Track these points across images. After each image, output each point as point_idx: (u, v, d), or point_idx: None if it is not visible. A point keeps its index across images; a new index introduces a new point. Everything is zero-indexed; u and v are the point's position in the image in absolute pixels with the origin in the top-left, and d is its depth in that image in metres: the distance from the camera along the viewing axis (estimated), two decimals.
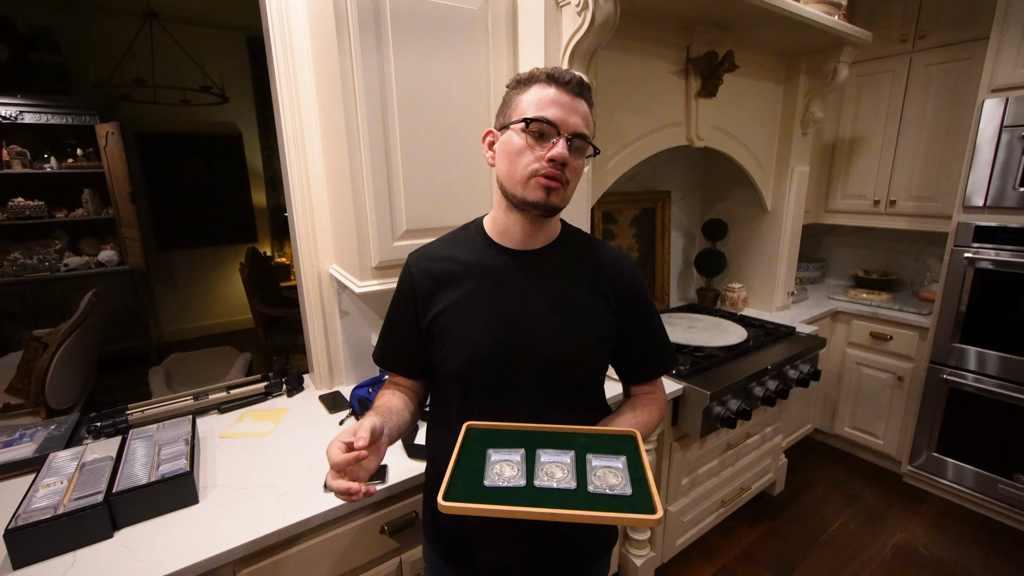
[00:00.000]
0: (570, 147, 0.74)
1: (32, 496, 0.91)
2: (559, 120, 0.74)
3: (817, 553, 1.93)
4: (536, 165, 0.74)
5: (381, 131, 1.15)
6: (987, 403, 2.04)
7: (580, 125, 0.75)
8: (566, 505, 0.65)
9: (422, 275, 0.85)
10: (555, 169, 0.73)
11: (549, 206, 0.76)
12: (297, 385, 1.53)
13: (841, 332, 2.50)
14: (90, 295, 2.65)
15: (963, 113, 2.15)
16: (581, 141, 0.76)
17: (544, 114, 0.73)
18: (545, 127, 0.74)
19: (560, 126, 0.74)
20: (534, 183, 0.75)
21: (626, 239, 2.18)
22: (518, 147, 0.75)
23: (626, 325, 0.87)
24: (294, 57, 1.31)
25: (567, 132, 0.74)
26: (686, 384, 1.57)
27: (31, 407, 2.25)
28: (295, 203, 1.39)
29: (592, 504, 0.65)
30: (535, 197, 0.75)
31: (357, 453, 0.66)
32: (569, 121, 0.74)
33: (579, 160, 0.77)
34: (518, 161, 0.75)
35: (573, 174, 0.77)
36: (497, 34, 1.27)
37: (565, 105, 0.74)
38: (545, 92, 0.74)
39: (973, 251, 2.02)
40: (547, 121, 0.73)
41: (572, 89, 0.75)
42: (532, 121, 0.73)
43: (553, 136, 0.74)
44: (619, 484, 0.68)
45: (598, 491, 0.67)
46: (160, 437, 1.13)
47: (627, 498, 0.67)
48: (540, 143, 0.74)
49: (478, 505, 0.64)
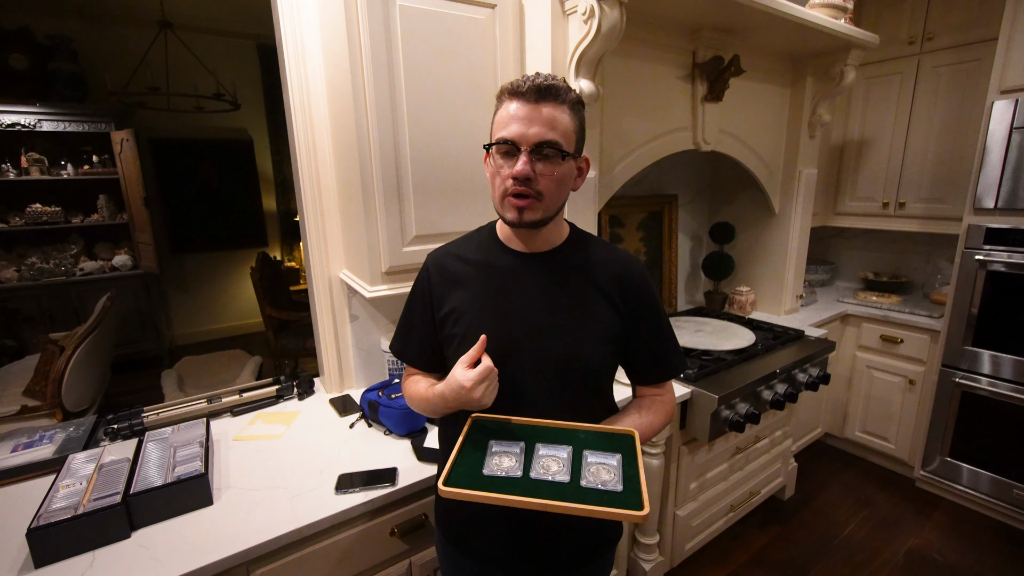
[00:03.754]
0: (539, 156, 0.73)
1: (53, 496, 0.94)
2: (517, 136, 0.73)
3: (828, 559, 1.91)
4: (504, 185, 0.75)
5: (391, 137, 1.17)
6: (1001, 407, 2.01)
7: (543, 132, 0.72)
8: (558, 497, 0.67)
9: (437, 272, 0.88)
10: (520, 186, 0.74)
11: (523, 223, 0.77)
12: (308, 388, 1.55)
13: (851, 335, 2.48)
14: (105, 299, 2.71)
15: (972, 115, 2.14)
16: (548, 148, 0.73)
17: (502, 134, 0.74)
18: (508, 147, 0.74)
19: (519, 141, 0.73)
20: (507, 203, 0.76)
21: (633, 243, 2.18)
22: (491, 170, 0.78)
23: (633, 327, 0.88)
24: (306, 64, 1.33)
25: (527, 145, 0.73)
26: (694, 388, 1.57)
27: (48, 409, 2.30)
28: (306, 209, 1.42)
29: (583, 498, 0.68)
30: (510, 216, 0.78)
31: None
32: (528, 133, 0.72)
33: (551, 166, 0.75)
34: (493, 184, 0.79)
35: (548, 183, 0.75)
36: (505, 42, 1.29)
37: (523, 118, 0.73)
38: (506, 109, 0.75)
39: (984, 253, 2.00)
40: (505, 141, 0.74)
41: (530, 98, 0.73)
42: (492, 146, 0.76)
43: (516, 152, 0.74)
44: (611, 480, 0.71)
45: (590, 486, 0.70)
46: (175, 439, 1.16)
47: (617, 494, 0.69)
48: (508, 161, 0.75)
49: (475, 492, 0.68)
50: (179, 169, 4.36)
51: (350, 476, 1.08)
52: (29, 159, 3.62)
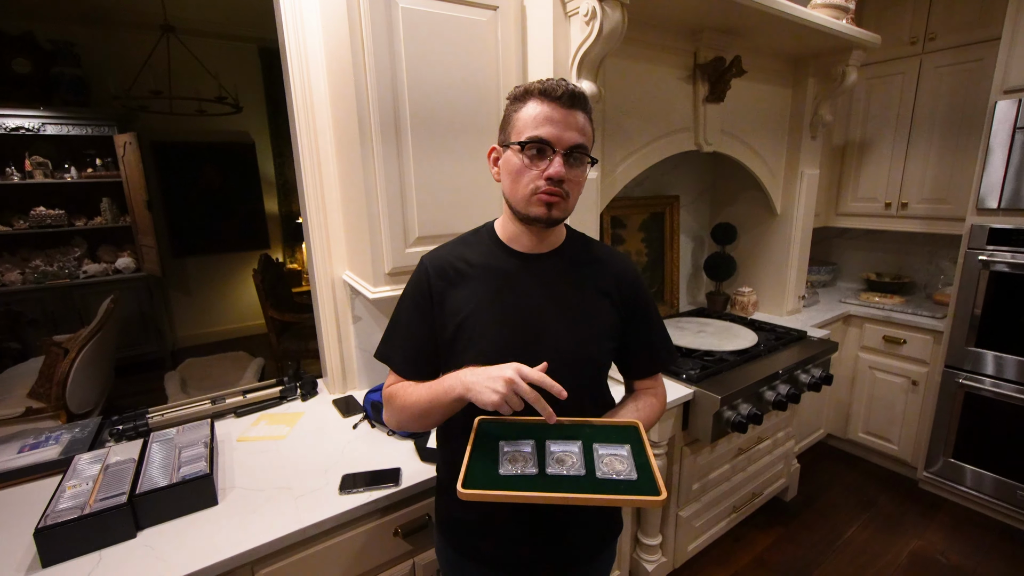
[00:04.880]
0: (568, 160, 0.77)
1: (60, 497, 0.94)
2: (554, 138, 0.76)
3: (831, 560, 1.91)
4: (536, 184, 0.77)
5: (394, 138, 1.17)
6: (1005, 408, 2.01)
7: (575, 138, 0.76)
8: (577, 490, 0.68)
9: (437, 275, 0.87)
10: (554, 186, 0.76)
11: (551, 220, 0.80)
12: (311, 390, 1.56)
13: (853, 336, 2.47)
14: (108, 301, 2.72)
15: (975, 114, 2.14)
16: (579, 153, 0.77)
17: (538, 133, 0.76)
18: (541, 146, 0.76)
19: (555, 143, 0.76)
20: (536, 200, 0.78)
21: (635, 244, 2.19)
22: (518, 167, 0.78)
23: (629, 324, 0.91)
24: (308, 67, 1.34)
25: (562, 148, 0.76)
26: (696, 388, 1.57)
27: (52, 411, 2.31)
28: (309, 210, 1.42)
29: (601, 488, 0.70)
30: (538, 213, 0.79)
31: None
32: (564, 136, 0.76)
33: (578, 171, 0.79)
34: (519, 180, 0.79)
35: (574, 186, 0.79)
36: (507, 43, 1.29)
37: (559, 121, 0.75)
38: (539, 109, 0.76)
39: (988, 253, 2.00)
40: (542, 140, 0.76)
41: (565, 103, 0.76)
42: (528, 143, 0.76)
43: (549, 153, 0.76)
44: (625, 470, 0.73)
45: (606, 476, 0.72)
46: (180, 440, 1.16)
47: (633, 482, 0.71)
48: (538, 161, 0.77)
49: (497, 492, 0.68)
50: (181, 172, 4.37)
51: (353, 476, 1.09)
52: (33, 162, 3.64)
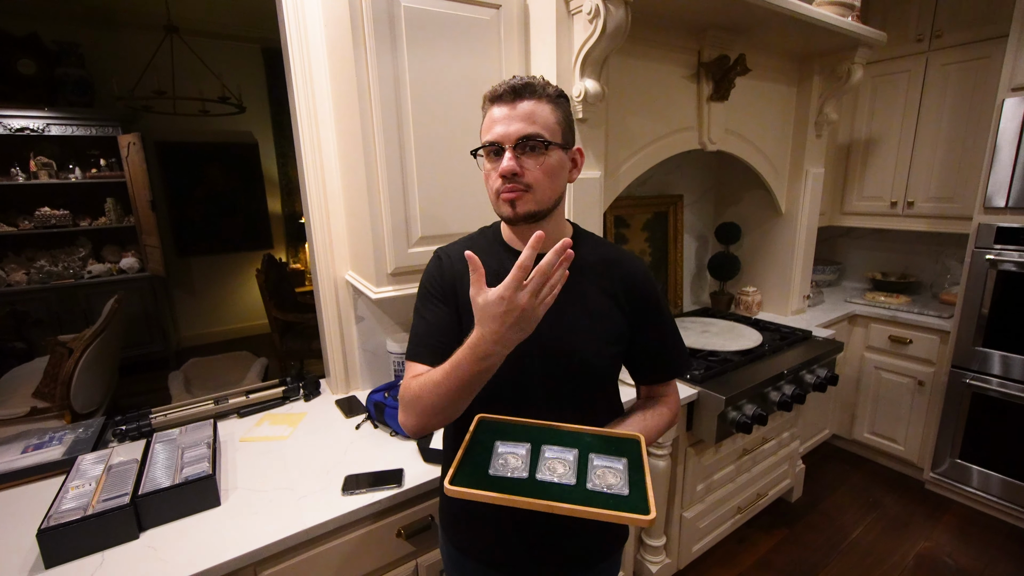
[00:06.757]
0: (521, 151, 0.76)
1: (63, 497, 0.94)
2: (500, 136, 0.76)
3: (837, 561, 1.90)
4: (496, 184, 0.78)
5: (396, 138, 1.17)
6: (1012, 408, 1.99)
7: (522, 128, 0.75)
8: (564, 499, 0.67)
9: (451, 262, 0.87)
10: (509, 182, 0.77)
11: (518, 216, 0.79)
12: (314, 390, 1.55)
13: (859, 336, 2.46)
14: (112, 301, 2.72)
15: (982, 112, 2.12)
16: (531, 142, 0.76)
17: (487, 137, 0.78)
18: (496, 148, 0.77)
19: (502, 140, 0.76)
20: (501, 200, 0.79)
21: (639, 243, 2.18)
22: (485, 172, 0.81)
23: (637, 327, 0.88)
24: (311, 67, 1.34)
25: (509, 143, 0.76)
26: (701, 389, 1.56)
27: (56, 411, 2.31)
28: (312, 210, 1.42)
29: (589, 500, 0.68)
30: (505, 212, 0.80)
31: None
32: (509, 131, 0.75)
33: (536, 159, 0.76)
34: (487, 184, 0.81)
35: (536, 176, 0.77)
36: (509, 42, 1.29)
37: (503, 118, 0.76)
38: (490, 113, 0.79)
39: (995, 253, 1.98)
40: (492, 143, 0.77)
41: (508, 99, 0.76)
42: (479, 149, 0.80)
43: (503, 152, 0.77)
44: (617, 484, 0.71)
45: (596, 489, 0.70)
46: (183, 440, 1.16)
47: (624, 498, 0.69)
48: (496, 162, 0.78)
49: (480, 492, 0.67)
50: (185, 172, 4.39)
51: (356, 477, 1.08)
52: (38, 163, 3.66)
